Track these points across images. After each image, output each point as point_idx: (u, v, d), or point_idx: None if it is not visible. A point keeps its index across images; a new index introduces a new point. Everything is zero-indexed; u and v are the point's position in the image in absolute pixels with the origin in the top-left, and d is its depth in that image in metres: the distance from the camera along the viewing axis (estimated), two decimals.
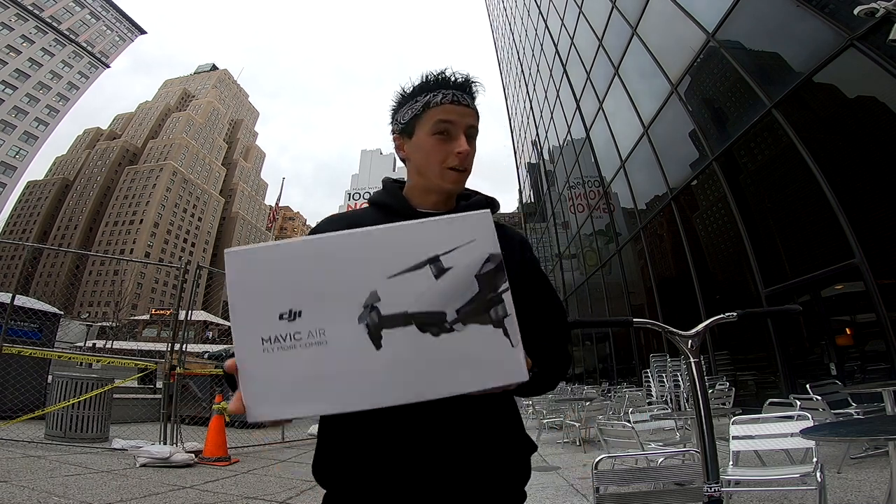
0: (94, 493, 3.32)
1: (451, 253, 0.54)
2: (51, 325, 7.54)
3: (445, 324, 0.53)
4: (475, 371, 0.52)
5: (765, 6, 6.87)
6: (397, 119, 0.96)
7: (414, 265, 0.53)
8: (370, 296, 0.52)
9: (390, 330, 0.52)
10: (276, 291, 0.52)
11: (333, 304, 0.52)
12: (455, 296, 0.53)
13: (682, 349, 1.11)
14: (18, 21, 65.24)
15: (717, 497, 1.02)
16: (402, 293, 0.52)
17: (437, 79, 0.91)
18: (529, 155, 29.10)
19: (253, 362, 0.51)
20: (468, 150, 0.89)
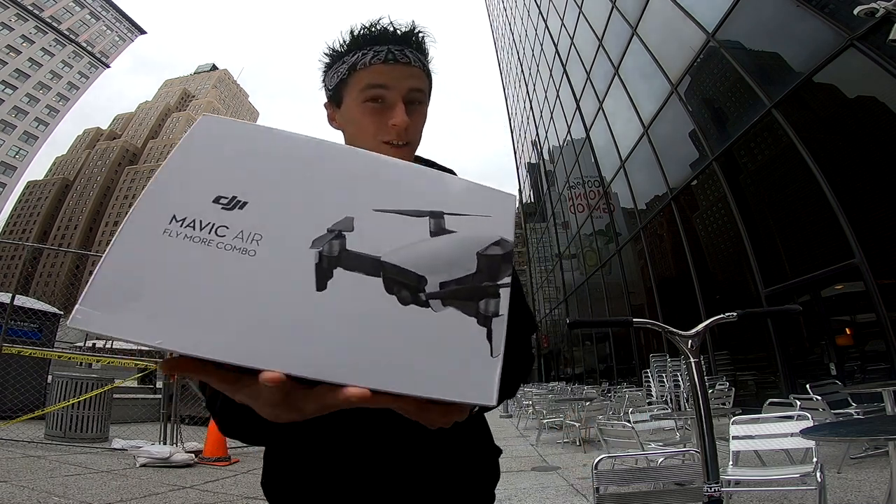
0: (94, 493, 3.32)
1: (458, 217, 0.42)
2: (51, 325, 7.54)
3: (421, 293, 0.39)
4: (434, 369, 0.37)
5: (765, 6, 6.87)
6: (326, 84, 0.79)
7: (411, 210, 0.41)
8: (342, 221, 0.39)
9: (347, 272, 0.38)
10: (229, 169, 0.40)
11: (292, 210, 0.39)
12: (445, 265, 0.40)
13: (682, 349, 1.11)
14: (18, 21, 65.24)
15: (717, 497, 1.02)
16: (382, 233, 0.40)
17: (367, 33, 0.73)
18: (529, 155, 29.11)
19: (138, 241, 0.36)
20: (405, 121, 0.71)
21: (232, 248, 0.37)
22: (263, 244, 0.37)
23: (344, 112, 0.76)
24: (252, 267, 0.37)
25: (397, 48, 0.72)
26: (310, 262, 0.38)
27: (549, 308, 26.28)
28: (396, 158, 0.44)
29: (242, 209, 0.38)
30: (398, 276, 0.39)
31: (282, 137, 0.42)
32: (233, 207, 0.38)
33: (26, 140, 66.12)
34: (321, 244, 0.38)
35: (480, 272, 0.41)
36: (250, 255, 0.37)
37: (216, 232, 0.37)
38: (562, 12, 16.82)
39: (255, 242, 0.37)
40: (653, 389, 8.70)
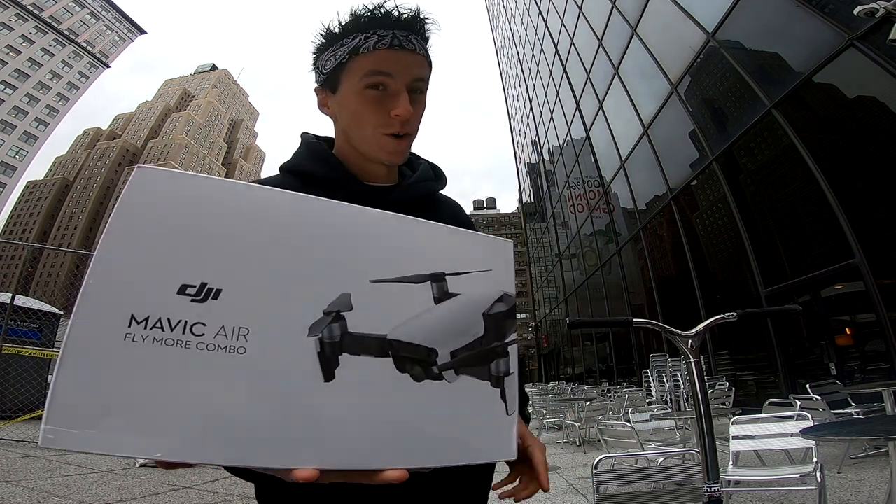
0: (94, 493, 3.32)
1: (460, 276, 0.39)
2: (51, 325, 7.54)
3: (434, 367, 0.37)
4: (457, 439, 0.37)
5: (765, 6, 6.87)
6: (319, 67, 0.73)
7: (410, 276, 0.38)
8: (338, 299, 0.35)
9: (354, 357, 0.35)
10: (189, 247, 0.32)
11: (277, 293, 0.34)
12: (453, 333, 0.38)
13: (682, 349, 1.11)
14: (18, 21, 65.25)
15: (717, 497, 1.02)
16: (384, 308, 0.36)
17: (371, 14, 0.67)
18: (529, 155, 29.11)
19: (95, 351, 0.30)
20: (409, 112, 0.67)
21: (216, 347, 0.32)
22: (253, 339, 0.33)
23: (340, 99, 0.70)
24: (245, 367, 0.32)
25: (403, 34, 0.67)
26: (311, 353, 0.34)
27: (549, 308, 26.28)
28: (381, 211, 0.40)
29: (217, 299, 0.32)
30: (408, 353, 0.37)
31: (247, 196, 0.35)
32: (204, 298, 0.32)
33: (26, 140, 66.14)
34: (319, 330, 0.34)
35: (488, 334, 0.40)
36: (239, 353, 0.32)
37: (192, 331, 0.31)
38: (562, 12, 16.82)
39: (241, 338, 0.32)
40: (653, 389, 8.70)
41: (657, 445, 3.73)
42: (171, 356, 0.31)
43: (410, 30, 0.68)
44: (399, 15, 0.68)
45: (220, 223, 0.34)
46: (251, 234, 0.34)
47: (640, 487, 2.29)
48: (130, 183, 0.33)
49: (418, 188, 0.77)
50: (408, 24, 0.68)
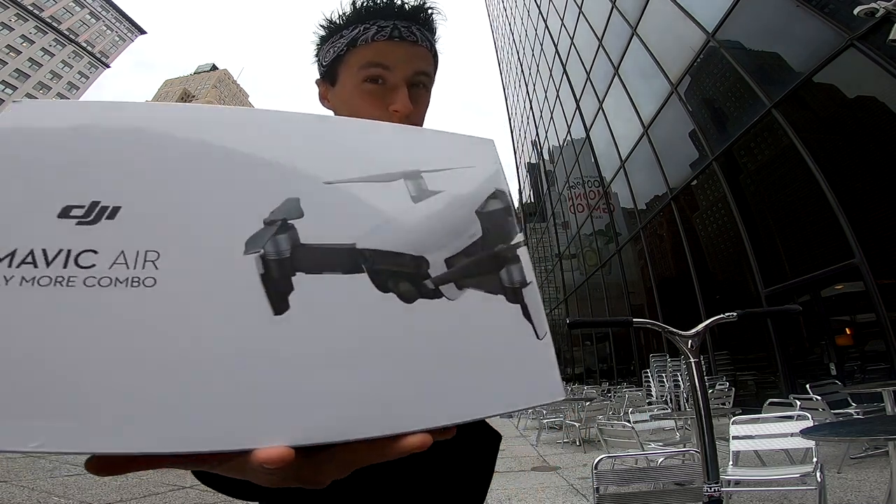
0: (94, 493, 3.32)
1: (439, 173, 0.31)
2: None
3: (427, 280, 0.28)
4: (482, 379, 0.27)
5: (765, 6, 6.87)
6: (319, 59, 0.70)
7: (377, 175, 0.30)
8: (283, 205, 0.26)
9: (313, 277, 0.26)
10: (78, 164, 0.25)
11: (198, 206, 0.25)
12: (444, 235, 0.30)
13: (682, 349, 1.11)
14: (18, 21, 65.27)
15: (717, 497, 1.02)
16: (348, 213, 0.28)
17: (371, 4, 0.64)
18: (529, 155, 29.12)
19: None
20: (408, 108, 0.61)
21: (112, 281, 0.23)
22: (165, 264, 0.24)
23: (339, 91, 0.67)
24: (155, 303, 0.23)
25: (404, 24, 0.63)
26: (252, 276, 0.25)
27: (549, 308, 26.29)
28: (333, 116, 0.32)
29: (113, 218, 0.24)
30: (389, 265, 0.27)
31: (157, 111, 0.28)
32: (96, 219, 0.24)
33: None
34: (259, 244, 0.25)
35: (488, 234, 0.31)
36: (146, 284, 0.23)
37: (77, 262, 0.23)
38: (562, 12, 16.82)
39: (149, 265, 0.24)
40: (653, 389, 8.70)
41: (657, 445, 3.73)
42: (46, 300, 0.22)
43: (413, 20, 0.65)
44: (402, 4, 0.64)
45: (122, 140, 0.26)
46: (162, 147, 0.27)
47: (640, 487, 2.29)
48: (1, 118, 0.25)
49: None
50: (410, 15, 0.64)
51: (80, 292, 0.23)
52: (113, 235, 0.24)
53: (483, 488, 0.72)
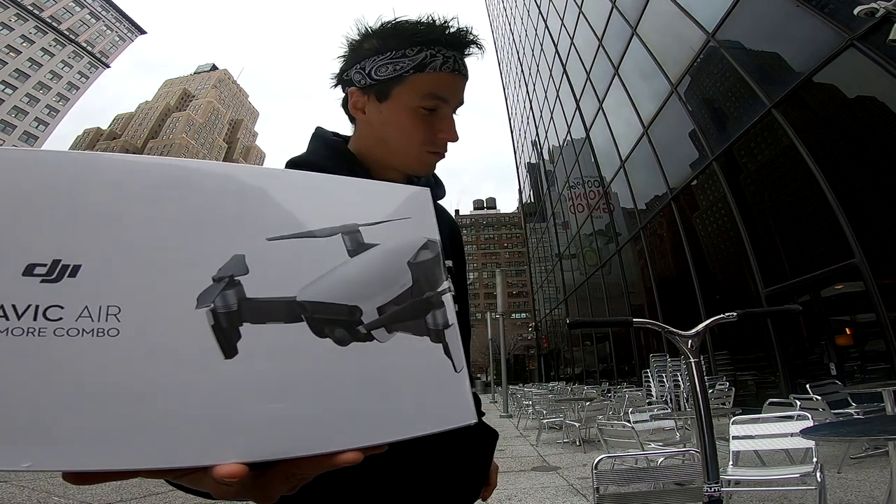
0: (94, 493, 3.32)
1: (375, 226, 0.35)
2: None
3: (360, 327, 0.32)
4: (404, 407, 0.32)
5: (765, 6, 6.87)
6: (365, 68, 0.67)
7: (316, 230, 0.33)
8: (230, 263, 0.29)
9: (257, 327, 0.29)
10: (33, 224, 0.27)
11: (152, 265, 0.28)
12: (376, 286, 0.33)
13: (682, 349, 1.11)
14: (18, 21, 65.27)
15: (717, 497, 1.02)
16: (288, 268, 0.31)
17: (443, 32, 0.65)
18: (529, 155, 29.12)
19: None
20: (457, 137, 0.69)
21: (79, 332, 0.26)
22: (126, 317, 0.27)
23: (388, 108, 0.67)
24: (120, 351, 0.27)
25: (461, 56, 0.67)
26: (203, 327, 0.28)
27: (549, 308, 26.28)
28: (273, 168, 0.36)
29: (74, 276, 0.27)
30: (326, 314, 0.31)
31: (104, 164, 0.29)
32: (58, 277, 0.26)
33: (26, 140, 66.19)
34: (209, 299, 0.28)
35: (417, 283, 0.35)
36: (111, 335, 0.27)
37: (45, 315, 0.26)
38: (562, 12, 16.82)
39: (112, 318, 0.27)
40: (653, 389, 8.70)
41: (657, 445, 3.73)
42: (22, 347, 0.25)
43: (465, 52, 0.68)
44: (463, 37, 0.66)
45: (73, 194, 0.28)
46: (112, 202, 0.29)
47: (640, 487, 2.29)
48: None
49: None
50: (465, 46, 0.67)
51: (51, 341, 0.26)
52: (76, 292, 0.27)
53: (480, 482, 0.74)
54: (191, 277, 0.29)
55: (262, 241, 0.31)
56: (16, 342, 0.25)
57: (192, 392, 0.27)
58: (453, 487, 0.71)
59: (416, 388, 0.33)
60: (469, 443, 0.73)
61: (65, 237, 0.27)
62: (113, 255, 0.28)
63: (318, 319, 0.31)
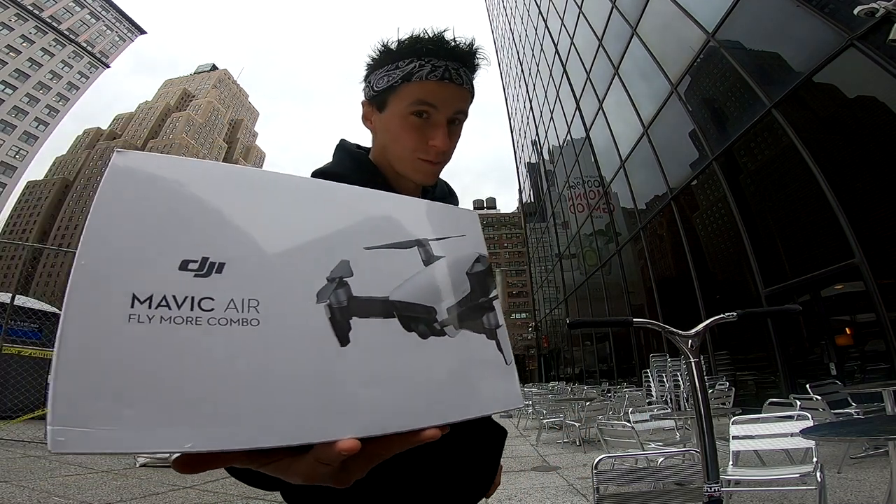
0: (94, 493, 3.32)
1: (440, 241, 0.42)
2: (51, 325, 7.53)
3: (436, 324, 0.38)
4: (471, 391, 0.38)
5: (765, 6, 6.87)
6: (370, 82, 0.73)
7: (399, 242, 0.40)
8: (339, 266, 0.36)
9: (363, 320, 0.35)
10: (186, 225, 0.32)
11: (280, 263, 0.34)
12: (445, 291, 0.40)
13: (682, 349, 1.11)
14: (18, 21, 65.26)
15: (717, 497, 1.02)
16: (382, 272, 0.38)
17: (430, 42, 0.69)
18: (529, 155, 29.12)
19: (95, 335, 0.28)
20: (446, 145, 0.70)
21: (228, 321, 0.31)
22: (264, 310, 0.32)
23: (385, 118, 0.72)
24: (261, 338, 0.31)
25: (454, 66, 0.69)
26: (323, 318, 0.34)
27: (549, 308, 26.28)
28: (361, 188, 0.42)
29: (221, 273, 0.32)
30: (410, 312, 0.38)
31: (231, 172, 0.35)
32: (208, 273, 0.31)
33: (26, 140, 66.15)
34: (326, 296, 0.34)
35: (474, 290, 0.43)
36: (253, 325, 0.31)
37: (200, 306, 0.30)
38: (562, 12, 16.82)
39: (252, 310, 0.32)
40: (653, 389, 8.70)
41: (657, 445, 3.73)
42: (183, 334, 0.29)
43: (462, 62, 0.70)
44: (456, 46, 0.69)
45: (216, 202, 0.34)
46: (247, 210, 0.35)
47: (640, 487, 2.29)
48: (109, 170, 0.31)
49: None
50: (461, 57, 0.70)
51: (206, 329, 0.30)
52: (223, 287, 0.31)
53: (489, 478, 0.78)
54: (311, 277, 0.35)
55: (360, 249, 0.38)
56: (178, 330, 0.29)
57: (318, 376, 0.33)
58: (464, 483, 0.73)
59: (480, 376, 0.40)
60: (480, 439, 0.76)
61: (212, 238, 0.32)
62: (250, 256, 0.33)
63: (406, 316, 0.38)
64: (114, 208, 0.30)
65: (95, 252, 0.29)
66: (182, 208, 0.32)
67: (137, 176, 0.32)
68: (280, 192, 0.37)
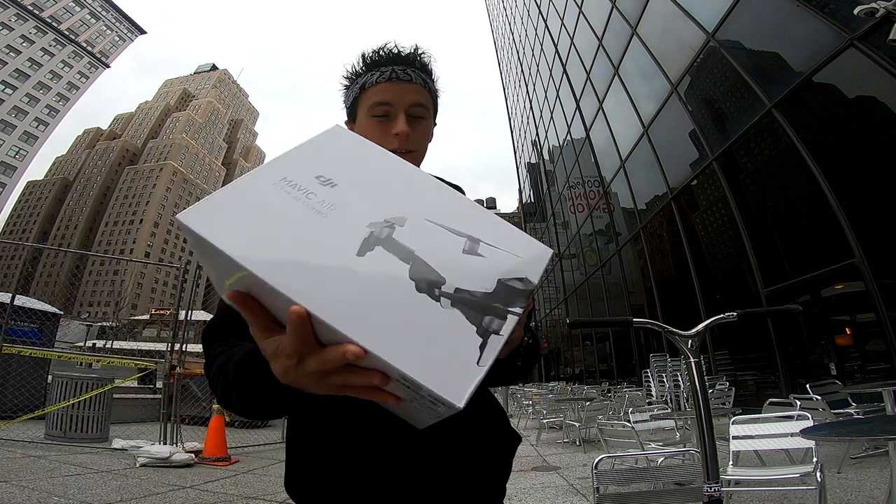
0: (94, 493, 3.32)
1: (493, 248, 0.47)
2: (51, 325, 7.55)
3: (436, 289, 0.43)
4: (423, 354, 0.40)
5: (765, 6, 6.87)
6: (344, 103, 0.90)
7: (454, 229, 0.48)
8: (398, 218, 0.47)
9: (385, 252, 0.44)
10: (336, 162, 0.52)
11: (363, 198, 0.49)
12: (466, 277, 0.45)
13: (682, 349, 1.11)
14: (18, 21, 65.26)
15: (717, 497, 1.02)
16: (424, 237, 0.46)
17: (374, 56, 0.84)
18: (529, 155, 29.12)
19: (253, 185, 0.48)
20: (405, 130, 0.80)
21: (311, 208, 0.47)
22: (334, 213, 0.47)
23: (357, 126, 0.85)
24: (320, 224, 0.46)
25: (400, 68, 0.82)
26: (361, 235, 0.45)
27: (549, 308, 26.28)
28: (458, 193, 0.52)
29: (332, 188, 0.49)
30: (424, 271, 0.44)
31: (378, 152, 0.55)
32: (325, 184, 0.49)
33: (26, 140, 66.14)
34: (375, 227, 0.46)
35: (496, 294, 0.45)
36: (322, 215, 0.46)
37: (306, 195, 0.48)
38: (562, 12, 16.83)
39: (329, 209, 0.47)
40: (653, 389, 8.69)
41: (657, 445, 3.73)
42: (286, 200, 0.46)
43: (409, 64, 0.83)
44: (398, 53, 0.84)
45: (357, 158, 0.53)
46: (370, 168, 0.52)
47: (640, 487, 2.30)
48: (328, 129, 0.56)
49: None
50: (406, 60, 0.83)
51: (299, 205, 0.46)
52: (325, 193, 0.48)
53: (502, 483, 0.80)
54: (374, 213, 0.47)
55: (422, 218, 0.48)
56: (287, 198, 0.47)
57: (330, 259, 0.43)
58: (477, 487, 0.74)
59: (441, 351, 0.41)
60: (494, 444, 0.78)
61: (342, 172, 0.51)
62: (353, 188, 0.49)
63: (416, 269, 0.44)
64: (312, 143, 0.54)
65: (290, 155, 0.52)
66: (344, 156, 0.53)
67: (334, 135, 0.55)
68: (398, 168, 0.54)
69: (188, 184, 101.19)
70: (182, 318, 6.03)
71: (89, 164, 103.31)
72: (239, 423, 7.61)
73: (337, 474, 0.68)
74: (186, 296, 6.09)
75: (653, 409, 4.81)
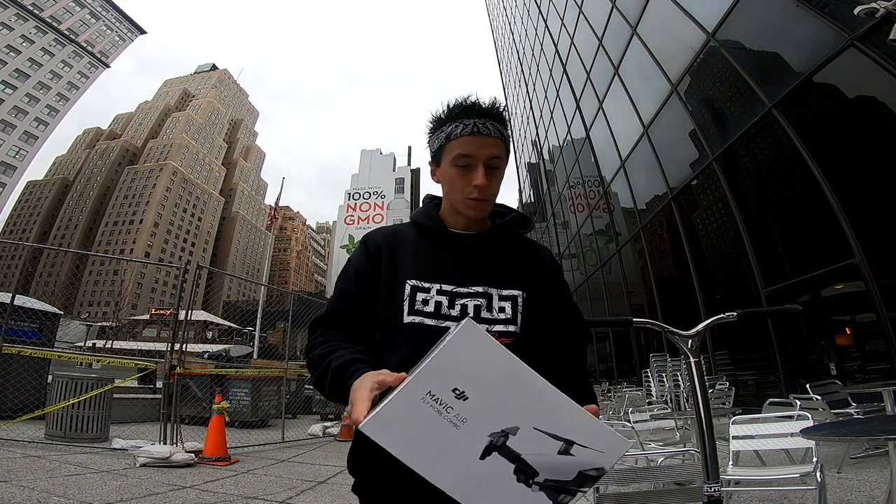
0: (94, 493, 3.32)
1: (584, 449, 0.64)
2: (51, 325, 7.54)
3: (531, 481, 0.64)
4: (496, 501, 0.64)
5: (765, 6, 6.87)
6: (429, 146, 1.00)
7: (555, 434, 0.64)
8: (511, 428, 0.63)
9: (499, 457, 0.63)
10: (469, 373, 0.63)
11: (489, 413, 0.63)
12: (555, 472, 0.65)
13: (682, 349, 1.11)
14: (18, 21, 65.24)
15: (717, 497, 1.02)
16: (529, 443, 0.63)
17: (459, 107, 0.93)
18: (529, 155, 29.10)
19: (409, 400, 0.62)
20: (484, 183, 0.91)
21: (449, 421, 0.62)
22: (465, 425, 0.62)
23: (441, 172, 0.97)
24: (455, 435, 0.62)
25: (481, 122, 0.92)
26: (483, 444, 0.63)
27: None
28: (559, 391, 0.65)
29: (465, 401, 0.62)
30: (524, 468, 0.64)
31: (502, 359, 0.65)
32: (460, 398, 0.62)
33: (26, 140, 66.11)
34: (494, 437, 0.63)
35: (575, 480, 0.65)
36: (457, 427, 0.62)
37: (446, 409, 0.62)
38: (562, 12, 16.82)
39: (462, 422, 0.62)
40: (653, 389, 8.69)
41: (657, 445, 3.73)
42: (430, 414, 0.62)
43: (489, 117, 0.93)
44: (479, 106, 0.93)
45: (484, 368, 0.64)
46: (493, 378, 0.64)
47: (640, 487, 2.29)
48: (462, 329, 0.64)
49: (499, 232, 1.03)
50: (486, 113, 0.93)
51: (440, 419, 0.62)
52: (459, 406, 0.63)
53: None
54: (494, 424, 0.63)
55: (530, 426, 0.64)
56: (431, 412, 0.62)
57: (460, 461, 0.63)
58: None
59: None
60: None
61: (472, 384, 0.63)
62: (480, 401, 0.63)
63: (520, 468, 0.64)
64: (452, 351, 0.63)
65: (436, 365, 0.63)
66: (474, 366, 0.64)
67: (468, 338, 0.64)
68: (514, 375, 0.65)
69: (188, 184, 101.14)
70: (182, 318, 6.03)
71: (89, 164, 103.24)
72: (239, 423, 7.62)
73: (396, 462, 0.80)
74: (186, 296, 6.08)
75: (653, 408, 4.80)
